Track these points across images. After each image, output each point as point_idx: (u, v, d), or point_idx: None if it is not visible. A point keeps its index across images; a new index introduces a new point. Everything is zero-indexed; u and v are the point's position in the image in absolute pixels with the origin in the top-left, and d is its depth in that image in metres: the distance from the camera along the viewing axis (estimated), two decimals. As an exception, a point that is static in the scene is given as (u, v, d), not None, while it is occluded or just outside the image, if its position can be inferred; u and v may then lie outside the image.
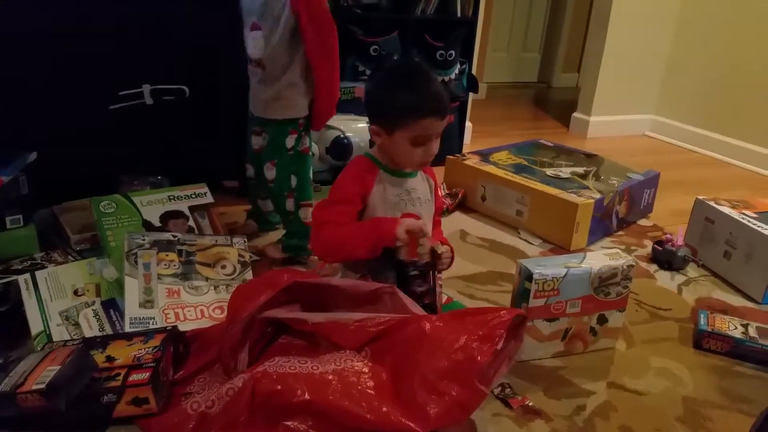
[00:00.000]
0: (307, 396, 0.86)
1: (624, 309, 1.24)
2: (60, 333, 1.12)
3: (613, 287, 1.20)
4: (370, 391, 0.89)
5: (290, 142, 1.46)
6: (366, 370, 0.92)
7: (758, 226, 1.53)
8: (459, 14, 2.34)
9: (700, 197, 1.73)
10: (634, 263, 1.22)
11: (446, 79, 2.34)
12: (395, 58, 1.05)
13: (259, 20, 1.37)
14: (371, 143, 1.26)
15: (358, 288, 1.05)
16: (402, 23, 2.23)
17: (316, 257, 1.46)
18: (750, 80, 2.73)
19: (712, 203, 1.69)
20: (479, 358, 0.89)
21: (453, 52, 2.32)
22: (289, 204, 1.50)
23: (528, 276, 1.14)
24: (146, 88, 1.73)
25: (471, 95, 2.56)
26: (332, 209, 1.14)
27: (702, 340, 1.29)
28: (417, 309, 1.04)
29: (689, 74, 3.03)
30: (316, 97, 1.44)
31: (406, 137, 1.10)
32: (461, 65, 2.40)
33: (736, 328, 1.29)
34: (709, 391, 1.15)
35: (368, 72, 2.19)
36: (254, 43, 1.39)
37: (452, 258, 1.20)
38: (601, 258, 1.21)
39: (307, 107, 1.45)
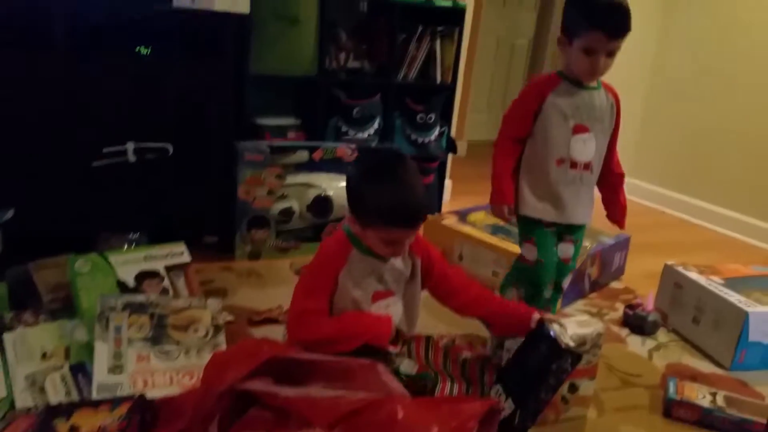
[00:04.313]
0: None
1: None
2: (24, 399, 1.09)
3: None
4: None
5: None
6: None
7: (725, 293, 1.57)
8: (439, 80, 2.44)
9: (669, 262, 1.78)
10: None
11: (426, 140, 2.42)
12: (383, 149, 1.06)
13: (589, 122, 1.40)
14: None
15: (337, 363, 1.05)
16: (384, 87, 2.32)
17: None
18: (720, 144, 2.85)
19: (680, 269, 1.73)
20: None
21: (433, 115, 2.40)
22: None
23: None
24: (130, 146, 1.76)
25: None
26: (308, 315, 1.14)
27: (671, 409, 1.30)
28: (396, 385, 1.04)
29: (661, 138, 3.16)
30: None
31: (377, 236, 1.12)
32: (441, 127, 2.48)
33: (704, 396, 1.31)
34: (678, 463, 1.16)
35: (350, 132, 2.25)
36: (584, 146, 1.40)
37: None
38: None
39: None
